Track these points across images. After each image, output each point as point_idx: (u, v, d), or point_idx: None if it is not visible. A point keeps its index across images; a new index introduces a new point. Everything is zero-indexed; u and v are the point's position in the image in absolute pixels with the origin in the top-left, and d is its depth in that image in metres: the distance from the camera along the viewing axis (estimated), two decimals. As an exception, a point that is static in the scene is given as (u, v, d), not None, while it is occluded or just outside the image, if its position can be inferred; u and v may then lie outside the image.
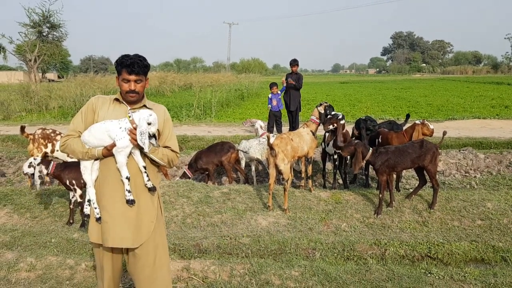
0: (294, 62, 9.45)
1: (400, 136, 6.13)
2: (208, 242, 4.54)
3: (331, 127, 5.78)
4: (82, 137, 2.50)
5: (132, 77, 2.46)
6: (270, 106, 9.69)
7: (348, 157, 6.64)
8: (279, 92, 9.66)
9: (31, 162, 4.72)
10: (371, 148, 5.21)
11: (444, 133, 5.60)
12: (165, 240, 2.74)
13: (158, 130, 2.53)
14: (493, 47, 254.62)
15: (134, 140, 2.40)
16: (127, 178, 2.45)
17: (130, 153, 2.47)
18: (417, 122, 6.16)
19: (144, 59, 2.52)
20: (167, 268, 2.72)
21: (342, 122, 5.83)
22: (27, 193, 6.18)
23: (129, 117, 2.43)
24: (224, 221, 5.15)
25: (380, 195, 5.20)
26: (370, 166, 7.39)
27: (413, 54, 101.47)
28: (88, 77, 23.36)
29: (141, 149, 2.46)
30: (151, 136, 2.42)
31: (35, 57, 25.88)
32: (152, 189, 2.54)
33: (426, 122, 6.10)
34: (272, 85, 9.70)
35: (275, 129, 9.72)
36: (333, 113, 5.92)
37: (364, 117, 6.68)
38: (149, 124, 2.37)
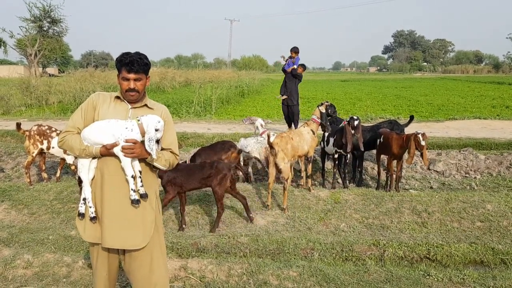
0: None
1: (399, 139, 5.84)
2: (206, 241, 4.52)
3: None
4: (82, 133, 2.45)
5: (132, 75, 2.42)
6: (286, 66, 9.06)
7: (344, 157, 6.56)
8: (291, 61, 9.05)
9: None
10: None
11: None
12: (162, 240, 2.72)
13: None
14: (495, 46, 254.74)
15: (131, 153, 2.37)
16: (133, 177, 2.40)
17: None
18: (418, 132, 5.63)
19: (145, 57, 2.47)
20: (164, 268, 2.70)
21: (356, 122, 5.95)
22: (25, 189, 6.17)
23: (138, 121, 2.39)
24: (223, 220, 5.12)
25: (160, 213, 4.98)
26: (365, 162, 7.37)
27: (414, 53, 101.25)
28: (88, 72, 23.25)
29: (146, 156, 2.42)
30: (156, 141, 2.41)
31: (36, 52, 25.87)
32: (143, 196, 2.47)
33: (421, 135, 5.56)
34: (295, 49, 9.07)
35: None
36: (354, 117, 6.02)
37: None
38: (156, 130, 2.36)
